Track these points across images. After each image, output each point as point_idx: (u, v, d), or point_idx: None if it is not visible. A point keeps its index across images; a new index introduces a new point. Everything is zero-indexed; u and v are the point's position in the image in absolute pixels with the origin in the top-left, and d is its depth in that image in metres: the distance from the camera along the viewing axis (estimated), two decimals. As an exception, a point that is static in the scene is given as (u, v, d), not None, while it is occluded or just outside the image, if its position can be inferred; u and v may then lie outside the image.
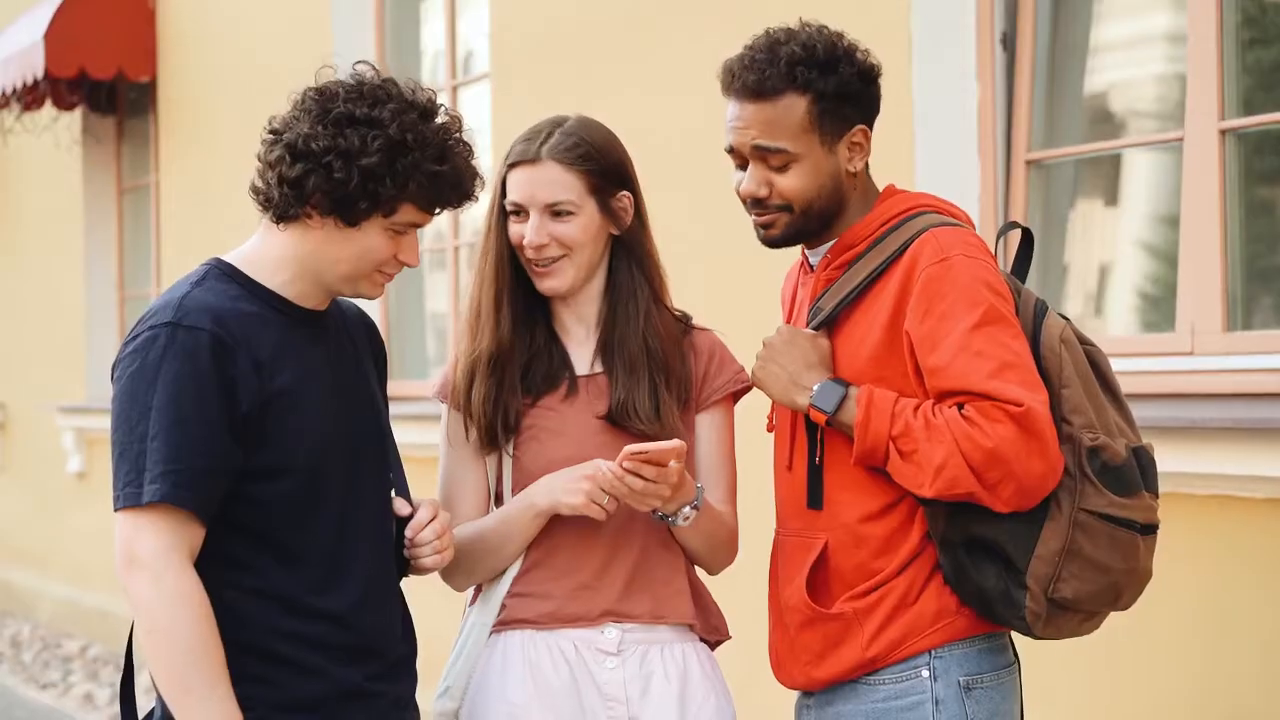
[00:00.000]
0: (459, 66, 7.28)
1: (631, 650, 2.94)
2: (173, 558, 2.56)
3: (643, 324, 2.98)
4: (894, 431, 2.68)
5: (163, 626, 2.56)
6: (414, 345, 7.70)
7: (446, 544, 2.83)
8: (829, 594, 2.81)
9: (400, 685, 2.82)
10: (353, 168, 2.60)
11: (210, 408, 2.58)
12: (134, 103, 10.01)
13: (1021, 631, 2.74)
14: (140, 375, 2.60)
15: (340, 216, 2.65)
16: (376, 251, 2.69)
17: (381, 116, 2.62)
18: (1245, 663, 3.80)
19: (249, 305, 2.68)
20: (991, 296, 2.68)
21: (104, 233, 10.39)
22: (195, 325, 2.60)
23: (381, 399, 2.91)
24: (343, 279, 2.72)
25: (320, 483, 2.69)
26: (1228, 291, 4.06)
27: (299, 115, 2.66)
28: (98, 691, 8.46)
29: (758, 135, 2.78)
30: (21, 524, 11.24)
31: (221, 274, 2.72)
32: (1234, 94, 4.10)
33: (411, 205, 2.67)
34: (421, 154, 2.63)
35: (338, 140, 2.61)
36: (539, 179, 2.92)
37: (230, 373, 2.60)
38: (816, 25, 2.83)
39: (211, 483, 2.59)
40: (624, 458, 2.74)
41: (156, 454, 2.56)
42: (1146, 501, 2.70)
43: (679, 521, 2.89)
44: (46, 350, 10.86)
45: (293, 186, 2.63)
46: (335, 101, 2.64)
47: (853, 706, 2.79)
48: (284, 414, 2.65)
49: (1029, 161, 4.54)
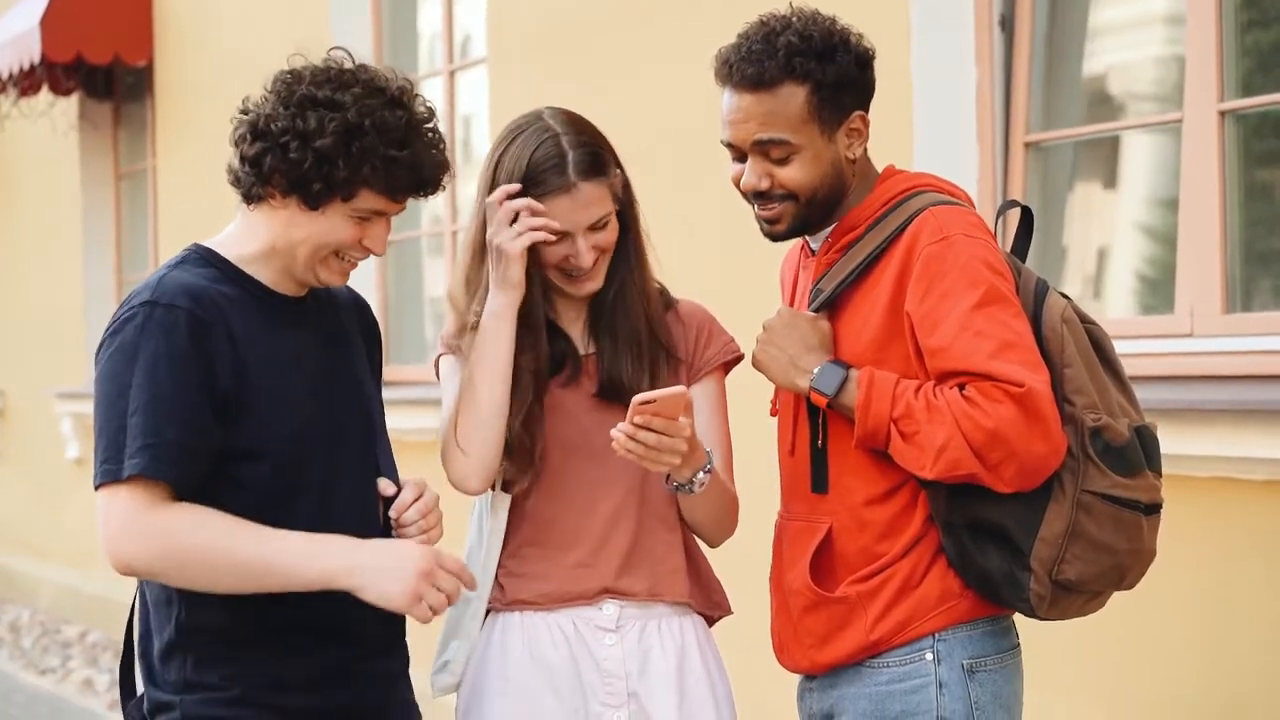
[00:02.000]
0: (456, 51, 7.26)
1: (630, 626, 2.95)
2: (154, 511, 2.55)
3: (630, 300, 2.99)
4: (895, 413, 2.67)
5: (183, 551, 2.56)
6: (412, 330, 7.70)
7: (434, 522, 2.82)
8: (833, 578, 2.81)
9: (389, 661, 2.82)
10: (307, 149, 2.61)
11: (190, 384, 2.59)
12: (131, 87, 10.00)
13: (1025, 613, 2.74)
14: (120, 354, 2.61)
15: (300, 198, 2.66)
16: (337, 234, 2.68)
17: (343, 100, 2.63)
18: (1247, 644, 3.80)
19: (227, 288, 2.69)
20: (992, 276, 2.68)
21: (101, 218, 10.38)
22: (172, 303, 2.61)
23: (373, 383, 2.90)
24: (305, 263, 2.71)
25: (300, 466, 2.69)
26: (1227, 273, 4.05)
27: (268, 96, 2.68)
28: (97, 677, 8.47)
29: (758, 128, 2.76)
30: (21, 510, 11.24)
31: (200, 258, 2.74)
32: (1233, 75, 4.10)
33: (369, 191, 2.66)
34: (379, 139, 2.63)
35: (296, 121, 2.62)
36: (579, 203, 2.90)
37: (208, 349, 2.61)
38: (810, 12, 2.81)
39: (190, 459, 2.59)
40: (633, 411, 2.72)
41: (135, 429, 2.57)
42: (1150, 481, 2.70)
43: (693, 489, 2.88)
44: (44, 336, 10.86)
45: (252, 165, 2.66)
46: (300, 83, 2.65)
47: (856, 689, 2.79)
48: (262, 394, 2.65)
49: (1028, 144, 4.54)
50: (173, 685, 2.67)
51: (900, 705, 2.75)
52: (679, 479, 2.88)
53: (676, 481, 2.89)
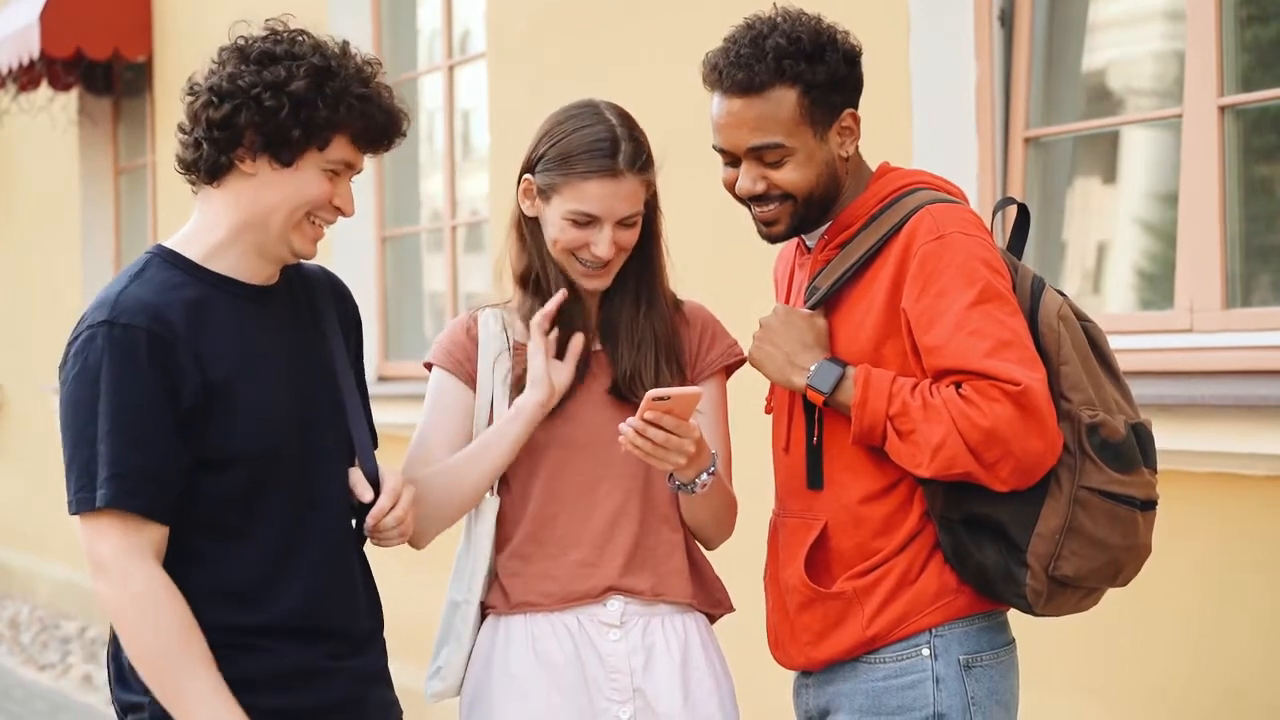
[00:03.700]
0: (455, 46, 7.26)
1: (634, 622, 2.95)
2: (134, 559, 2.57)
3: (648, 302, 2.99)
4: (891, 411, 2.67)
5: (134, 629, 2.58)
6: (411, 325, 7.69)
7: (409, 527, 2.81)
8: (828, 574, 2.80)
9: (365, 659, 2.80)
10: (282, 95, 2.61)
11: (154, 407, 2.57)
12: (130, 83, 9.99)
13: (1022, 609, 2.74)
14: (82, 378, 2.59)
15: (274, 155, 2.64)
16: (310, 190, 2.66)
17: (301, 50, 2.65)
18: (1244, 640, 3.80)
19: (191, 291, 2.66)
20: (988, 273, 2.67)
21: (101, 214, 10.38)
22: (130, 323, 2.59)
23: (349, 368, 2.86)
24: (279, 232, 2.68)
25: (270, 469, 2.67)
26: (1226, 268, 4.05)
27: (216, 66, 2.67)
28: (96, 673, 8.46)
29: (750, 134, 2.76)
30: (20, 505, 11.24)
31: (163, 261, 2.70)
32: (1233, 70, 4.09)
33: (344, 138, 2.66)
34: (347, 79, 2.65)
35: (263, 74, 2.62)
36: (620, 193, 2.89)
37: (170, 369, 2.59)
38: (795, 11, 2.79)
39: (159, 483, 2.58)
40: (646, 405, 2.71)
41: (104, 457, 2.56)
42: (1145, 477, 2.70)
43: (696, 489, 2.88)
44: (44, 332, 10.85)
45: (222, 128, 2.63)
46: (252, 46, 2.67)
47: (852, 685, 2.79)
48: (228, 405, 2.63)
49: (1027, 139, 4.53)
50: (142, 687, 2.64)
51: (897, 700, 2.74)
52: (682, 479, 2.87)
53: (680, 481, 2.88)
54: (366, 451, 2.82)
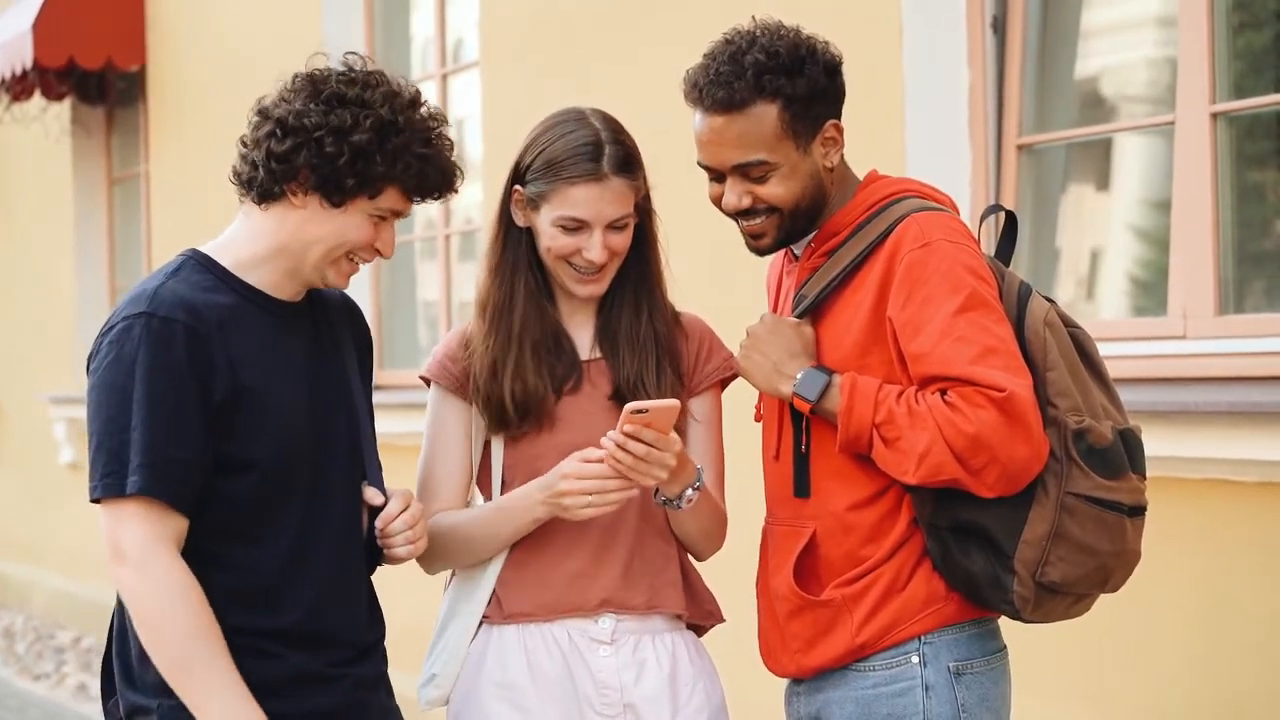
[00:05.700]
0: (449, 54, 7.26)
1: (624, 639, 2.94)
2: (158, 548, 2.59)
3: (646, 309, 2.99)
4: (877, 419, 2.67)
5: (154, 618, 2.59)
6: (405, 334, 7.70)
7: (419, 534, 2.83)
8: (818, 582, 2.80)
9: (366, 667, 2.82)
10: (344, 143, 2.62)
11: (188, 400, 2.60)
12: (123, 92, 9.98)
13: (1010, 615, 2.74)
14: (118, 366, 2.61)
15: (325, 195, 2.66)
16: (355, 234, 2.70)
17: (373, 99, 2.66)
18: (1238, 646, 3.80)
19: (223, 296, 2.69)
20: (974, 281, 2.67)
21: (94, 223, 10.37)
22: (169, 316, 2.62)
23: (362, 388, 2.90)
24: (315, 264, 2.72)
25: (286, 477, 2.70)
26: (1219, 275, 4.05)
27: (289, 95, 2.68)
28: (91, 682, 8.45)
29: (733, 152, 2.76)
30: (14, 515, 11.23)
31: (197, 265, 2.73)
32: (1225, 77, 4.10)
33: (396, 189, 2.68)
34: (410, 136, 2.66)
35: (329, 117, 2.64)
36: (606, 196, 2.89)
37: (204, 365, 2.62)
38: (774, 24, 2.79)
39: (189, 473, 2.61)
40: (625, 419, 2.71)
41: (137, 444, 2.58)
42: (1133, 483, 2.69)
43: (681, 505, 2.87)
44: (37, 341, 10.85)
45: (281, 161, 2.65)
46: (327, 83, 2.67)
47: (843, 693, 2.79)
48: (253, 408, 2.66)
49: (1020, 146, 4.53)
50: (150, 688, 2.66)
51: (887, 708, 2.74)
52: (667, 494, 2.87)
53: (665, 496, 2.88)
54: (376, 469, 2.86)
